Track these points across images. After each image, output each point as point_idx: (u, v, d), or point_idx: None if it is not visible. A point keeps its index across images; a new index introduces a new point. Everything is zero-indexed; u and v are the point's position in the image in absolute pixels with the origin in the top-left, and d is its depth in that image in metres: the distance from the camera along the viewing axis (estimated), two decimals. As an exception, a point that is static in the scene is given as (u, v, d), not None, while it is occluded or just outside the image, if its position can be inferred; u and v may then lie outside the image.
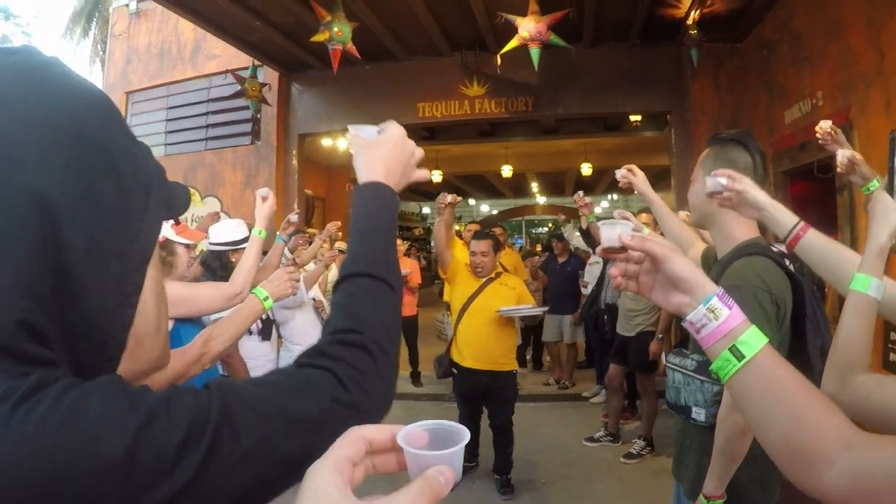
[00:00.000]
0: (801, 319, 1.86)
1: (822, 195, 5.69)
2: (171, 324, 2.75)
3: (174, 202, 0.82)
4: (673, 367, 2.11)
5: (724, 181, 1.67)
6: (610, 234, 1.06)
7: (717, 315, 0.95)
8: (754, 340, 0.93)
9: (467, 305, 4.79)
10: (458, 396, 5.07)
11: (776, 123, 6.48)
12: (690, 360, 2.05)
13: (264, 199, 2.98)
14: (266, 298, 2.24)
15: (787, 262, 1.93)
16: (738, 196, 1.66)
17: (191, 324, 2.89)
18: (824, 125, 2.78)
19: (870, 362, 1.26)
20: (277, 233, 3.71)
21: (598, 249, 1.09)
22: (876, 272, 1.30)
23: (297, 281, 2.37)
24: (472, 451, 5.16)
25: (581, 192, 4.14)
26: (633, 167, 2.57)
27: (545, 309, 5.04)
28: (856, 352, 1.26)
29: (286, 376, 0.82)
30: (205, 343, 2.07)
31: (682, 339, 2.47)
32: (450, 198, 4.61)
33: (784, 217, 1.64)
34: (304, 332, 4.92)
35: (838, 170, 2.21)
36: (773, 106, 6.57)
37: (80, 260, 0.66)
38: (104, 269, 0.69)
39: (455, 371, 4.90)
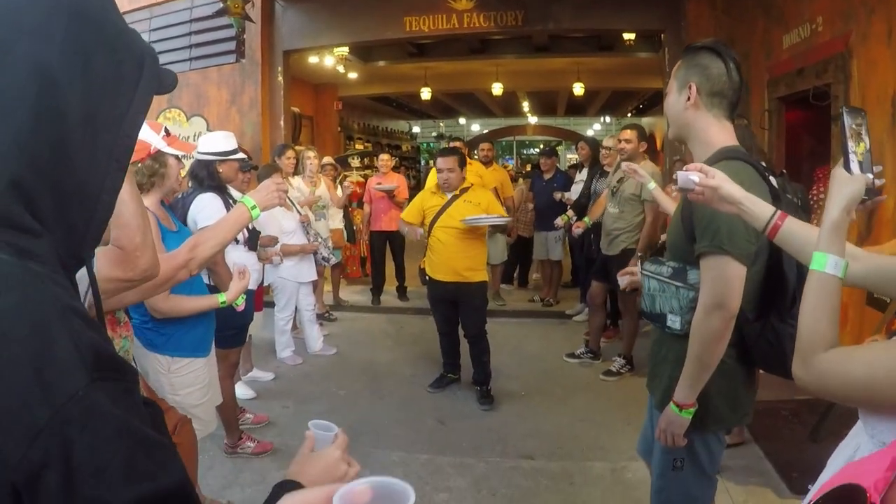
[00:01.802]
0: None
1: (816, 123, 5.60)
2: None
3: (165, 79, 0.88)
4: (648, 273, 2.11)
5: (695, 178, 1.58)
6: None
7: None
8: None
9: (434, 221, 4.99)
10: (431, 303, 5.32)
11: (774, 48, 6.30)
12: (666, 268, 2.05)
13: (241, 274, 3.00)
14: (254, 207, 2.26)
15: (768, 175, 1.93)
16: (711, 192, 1.57)
17: (176, 234, 2.92)
18: None
19: (836, 341, 1.23)
20: None
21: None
22: (833, 248, 1.26)
23: (285, 192, 2.38)
24: (453, 363, 5.36)
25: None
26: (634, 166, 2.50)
27: (508, 219, 5.12)
28: (817, 333, 1.23)
29: None
30: (191, 249, 2.14)
31: (659, 249, 2.49)
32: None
33: (760, 209, 1.56)
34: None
35: None
36: (772, 30, 6.36)
37: (76, 126, 0.71)
38: (98, 136, 0.75)
39: (428, 278, 5.15)
